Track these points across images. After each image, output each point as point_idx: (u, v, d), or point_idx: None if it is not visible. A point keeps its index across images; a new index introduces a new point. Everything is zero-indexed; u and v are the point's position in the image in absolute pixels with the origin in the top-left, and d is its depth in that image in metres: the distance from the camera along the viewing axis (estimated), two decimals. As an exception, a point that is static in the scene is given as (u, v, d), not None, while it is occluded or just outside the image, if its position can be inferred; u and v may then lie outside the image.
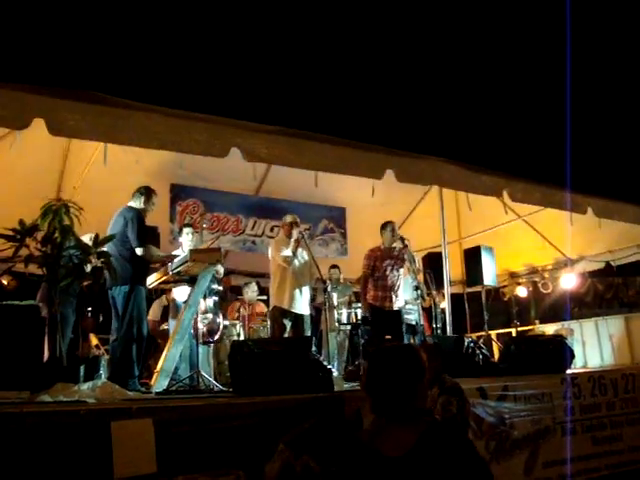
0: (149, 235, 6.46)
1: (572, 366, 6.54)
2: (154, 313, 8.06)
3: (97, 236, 5.01)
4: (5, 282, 8.48)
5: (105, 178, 7.32)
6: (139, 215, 5.90)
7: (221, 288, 7.43)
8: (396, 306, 7.30)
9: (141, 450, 3.42)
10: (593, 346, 11.32)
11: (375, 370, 2.44)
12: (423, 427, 2.30)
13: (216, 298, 7.07)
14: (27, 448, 3.13)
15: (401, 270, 7.47)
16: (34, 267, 4.82)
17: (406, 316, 8.02)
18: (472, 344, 5.92)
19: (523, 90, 16.82)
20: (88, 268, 5.18)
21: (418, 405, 2.38)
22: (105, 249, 5.05)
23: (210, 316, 6.93)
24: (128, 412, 3.51)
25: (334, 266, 9.35)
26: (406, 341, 7.49)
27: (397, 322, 7.29)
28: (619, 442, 5.93)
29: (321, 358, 5.04)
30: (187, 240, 6.98)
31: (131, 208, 5.96)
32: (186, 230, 7.10)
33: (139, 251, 5.75)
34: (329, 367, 4.90)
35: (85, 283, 6.07)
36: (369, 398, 2.43)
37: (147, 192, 6.16)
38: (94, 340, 8.33)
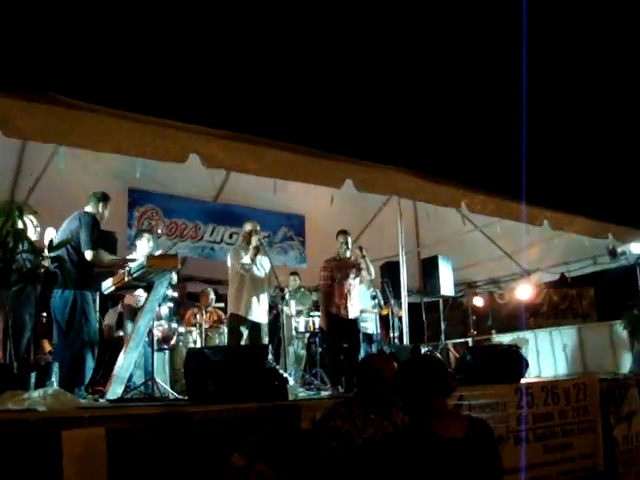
0: (106, 240, 6.37)
1: (526, 376, 6.61)
2: (109, 319, 7.95)
3: (51, 240, 4.92)
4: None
5: (61, 180, 7.21)
6: (94, 220, 5.79)
7: (176, 294, 7.36)
8: (351, 314, 7.31)
9: (93, 460, 3.36)
10: (547, 356, 11.52)
11: (425, 373, 2.94)
12: (465, 417, 3.01)
13: (171, 305, 7.01)
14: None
15: (357, 279, 7.49)
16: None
17: (363, 324, 8.04)
18: (428, 353, 5.95)
19: (481, 104, 17.07)
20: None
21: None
22: (59, 253, 4.97)
23: (164, 323, 6.87)
24: (80, 421, 3.44)
25: (294, 273, 9.34)
26: (362, 350, 7.50)
27: (354, 330, 7.30)
28: (571, 450, 6.01)
29: (278, 367, 5.01)
30: (147, 247, 6.88)
31: (87, 213, 5.85)
32: (147, 236, 6.99)
33: (88, 255, 5.60)
34: (285, 376, 4.88)
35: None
36: (414, 397, 2.93)
37: (103, 197, 6.06)
38: (47, 346, 8.17)
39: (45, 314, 7.42)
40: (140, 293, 6.46)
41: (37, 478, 3.18)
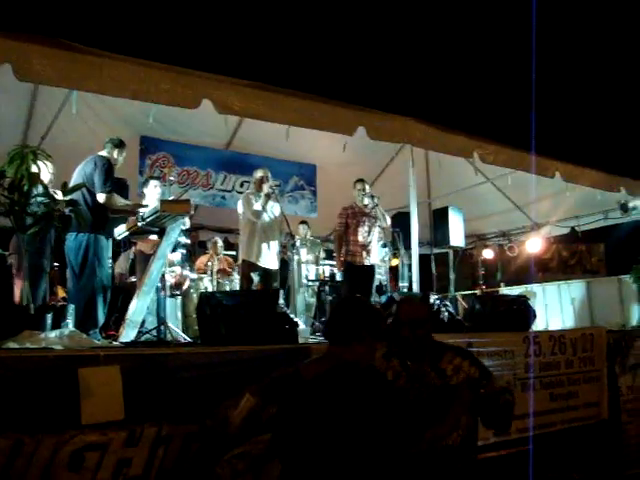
0: (118, 186, 6.39)
1: (534, 327, 6.67)
2: (121, 265, 8.02)
3: (65, 184, 4.95)
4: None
5: (74, 128, 7.23)
6: (109, 163, 5.83)
7: (189, 241, 7.41)
8: (367, 262, 7.39)
9: (109, 397, 3.44)
10: (555, 310, 11.57)
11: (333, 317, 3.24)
12: (335, 362, 2.97)
13: (184, 251, 7.06)
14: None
15: (374, 228, 7.54)
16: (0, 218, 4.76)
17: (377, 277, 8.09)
18: (438, 301, 6.00)
19: (493, 54, 16.86)
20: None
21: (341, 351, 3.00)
22: (74, 197, 5.00)
23: (177, 269, 6.94)
24: (96, 359, 3.51)
25: (303, 222, 9.38)
26: (373, 299, 7.57)
27: (369, 277, 7.37)
28: (576, 398, 6.10)
29: (288, 311, 5.08)
30: (154, 193, 6.89)
31: (102, 156, 5.89)
32: (153, 182, 7.00)
33: (101, 197, 5.65)
34: (295, 320, 4.94)
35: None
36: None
37: (119, 144, 6.10)
38: (61, 292, 8.28)
39: (57, 263, 7.50)
40: (153, 239, 6.51)
41: (55, 412, 3.27)
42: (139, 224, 5.73)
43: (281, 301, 4.91)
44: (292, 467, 2.88)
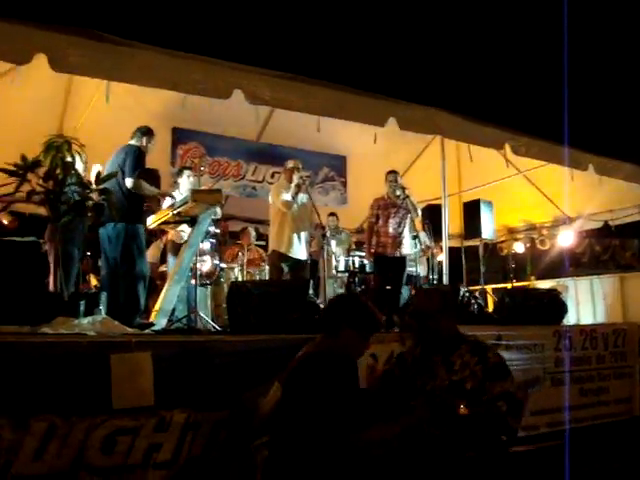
0: (149, 177, 6.45)
1: (565, 321, 6.61)
2: (152, 255, 8.09)
3: (99, 173, 5.02)
4: (6, 221, 8.46)
5: (106, 119, 7.28)
6: (139, 151, 5.89)
7: (218, 231, 7.45)
8: (397, 253, 7.38)
9: (139, 383, 3.49)
10: (586, 304, 11.40)
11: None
12: (316, 349, 3.24)
13: (213, 240, 7.10)
14: (28, 378, 3.19)
15: (406, 220, 7.53)
16: (35, 207, 4.84)
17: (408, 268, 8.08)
18: (467, 294, 5.98)
19: (525, 45, 16.66)
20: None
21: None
22: (107, 186, 5.06)
23: (207, 258, 6.98)
24: (127, 346, 3.56)
25: (332, 214, 9.37)
26: (405, 290, 7.56)
27: (400, 268, 7.37)
28: (606, 394, 6.05)
29: (318, 301, 5.09)
30: (186, 183, 6.98)
31: (132, 145, 5.95)
32: (187, 172, 7.10)
33: (129, 182, 5.68)
34: (325, 310, 4.94)
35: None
36: None
37: (147, 132, 6.15)
38: (93, 280, 8.40)
39: (89, 252, 7.60)
40: (184, 229, 6.56)
41: (88, 397, 3.32)
42: (170, 214, 5.78)
43: (310, 291, 4.91)
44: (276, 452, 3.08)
